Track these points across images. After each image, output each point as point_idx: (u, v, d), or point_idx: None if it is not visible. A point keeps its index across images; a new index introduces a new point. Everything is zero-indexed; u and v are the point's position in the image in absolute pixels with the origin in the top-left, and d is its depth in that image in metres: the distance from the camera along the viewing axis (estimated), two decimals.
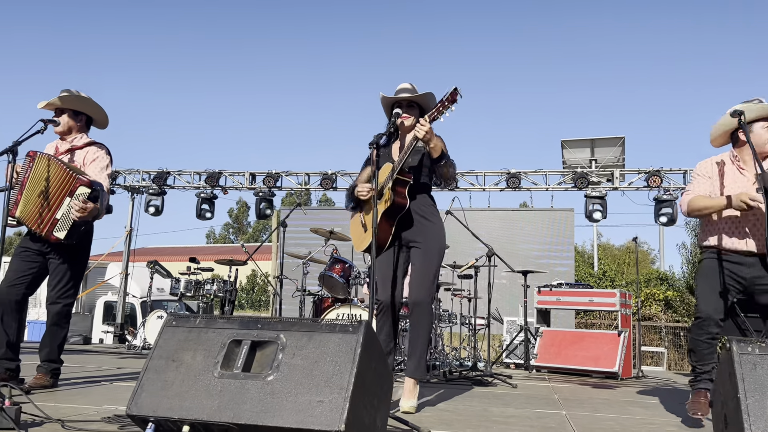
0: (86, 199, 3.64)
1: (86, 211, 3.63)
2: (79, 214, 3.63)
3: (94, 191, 3.68)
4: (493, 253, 5.92)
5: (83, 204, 3.62)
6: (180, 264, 10.42)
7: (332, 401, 2.01)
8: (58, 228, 3.65)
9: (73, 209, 3.63)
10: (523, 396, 4.49)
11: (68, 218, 3.65)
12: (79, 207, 3.62)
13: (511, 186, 10.14)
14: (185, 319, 2.35)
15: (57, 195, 3.65)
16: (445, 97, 3.26)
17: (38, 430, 2.48)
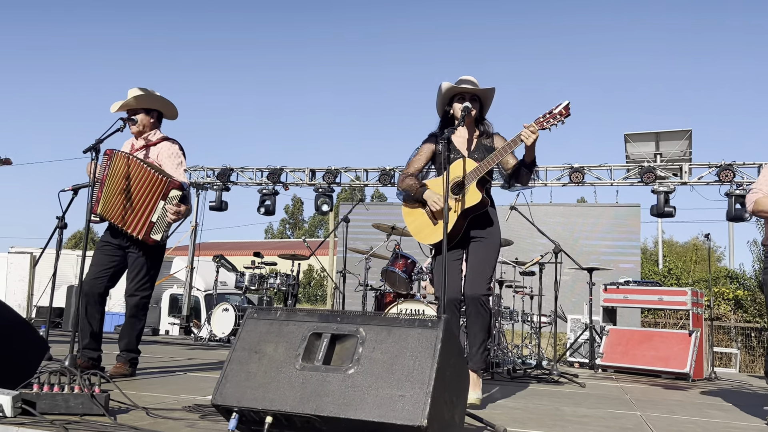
0: (179, 202, 3.84)
1: (180, 214, 3.87)
2: (174, 217, 3.85)
3: (184, 192, 3.87)
4: (560, 250, 5.81)
5: (177, 207, 3.85)
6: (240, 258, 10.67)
7: (413, 396, 2.01)
8: (154, 231, 3.85)
9: (169, 213, 3.84)
10: (593, 396, 4.40)
11: (164, 221, 3.86)
12: (174, 211, 3.85)
13: (574, 181, 9.93)
14: (266, 312, 2.39)
15: (149, 198, 3.83)
16: (557, 110, 3.28)
17: (125, 417, 2.57)
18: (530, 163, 3.44)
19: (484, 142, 3.60)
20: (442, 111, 3.67)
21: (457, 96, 3.58)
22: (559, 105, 3.32)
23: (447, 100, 3.62)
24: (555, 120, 3.30)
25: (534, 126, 3.31)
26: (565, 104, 3.31)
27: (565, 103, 3.31)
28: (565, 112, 3.30)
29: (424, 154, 3.67)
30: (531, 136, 3.29)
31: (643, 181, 9.76)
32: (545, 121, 3.31)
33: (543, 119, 3.32)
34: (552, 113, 3.31)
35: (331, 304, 18.68)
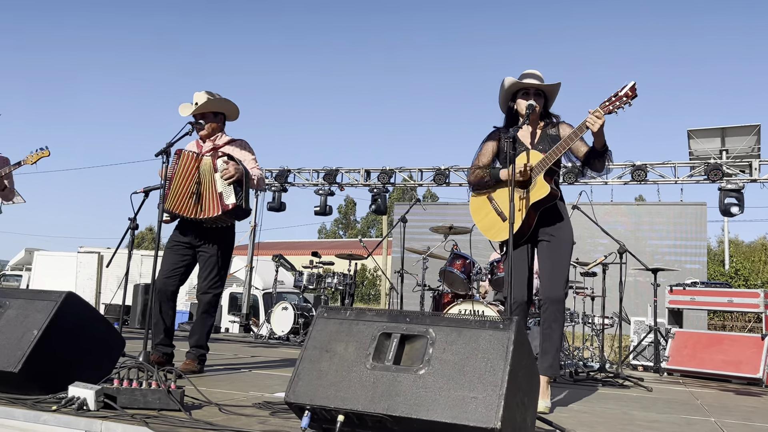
0: (227, 161, 3.90)
1: (230, 170, 3.89)
2: (227, 175, 3.89)
3: (230, 156, 3.94)
4: (625, 250, 5.66)
5: (225, 165, 3.89)
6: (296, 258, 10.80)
7: (486, 398, 1.99)
8: (225, 197, 3.92)
9: (224, 176, 3.90)
10: (661, 400, 4.27)
11: (226, 185, 3.92)
12: (223, 169, 3.89)
13: (636, 179, 9.66)
14: (336, 311, 2.42)
15: (209, 179, 3.93)
16: (623, 92, 3.18)
17: (199, 412, 2.64)
18: (601, 150, 3.34)
19: (549, 132, 3.53)
20: (505, 107, 3.62)
21: (521, 91, 3.52)
22: (625, 86, 3.21)
23: (510, 95, 3.57)
24: (621, 102, 3.19)
25: (599, 111, 3.22)
26: (631, 85, 3.19)
27: (630, 84, 3.19)
28: (632, 93, 3.18)
29: (489, 149, 3.61)
30: (597, 122, 3.21)
31: (709, 178, 9.41)
32: (611, 105, 3.21)
33: (609, 103, 3.22)
34: (618, 96, 3.20)
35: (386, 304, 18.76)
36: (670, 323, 7.31)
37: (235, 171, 3.91)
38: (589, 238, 9.25)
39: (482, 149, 3.62)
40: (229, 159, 3.94)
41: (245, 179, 3.98)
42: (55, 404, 2.41)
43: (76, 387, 2.45)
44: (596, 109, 3.23)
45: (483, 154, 3.61)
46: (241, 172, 3.96)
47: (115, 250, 4.54)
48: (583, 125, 3.28)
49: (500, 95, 3.62)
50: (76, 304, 2.78)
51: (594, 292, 7.77)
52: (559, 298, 3.39)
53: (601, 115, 3.22)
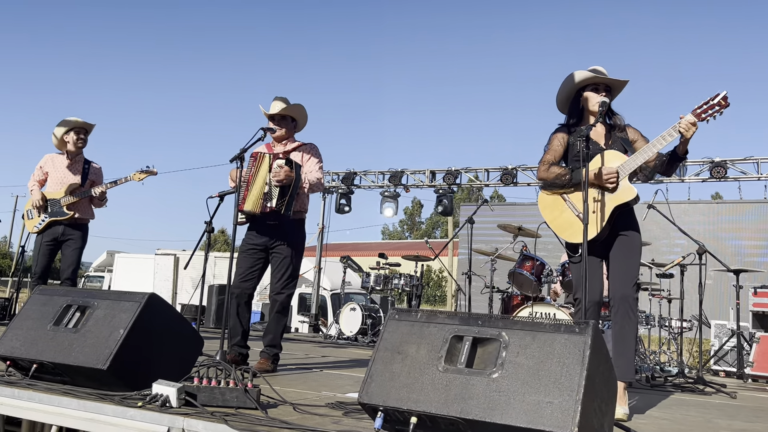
0: (282, 164, 3.95)
1: (281, 173, 3.93)
2: (277, 179, 3.94)
3: (288, 161, 3.99)
4: (704, 251, 5.43)
5: (278, 168, 3.94)
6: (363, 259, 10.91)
7: (562, 403, 1.96)
8: (268, 199, 4.00)
9: (273, 178, 3.96)
10: (747, 408, 4.07)
11: (273, 187, 3.98)
12: (275, 172, 3.94)
13: (715, 176, 9.22)
14: (407, 313, 2.43)
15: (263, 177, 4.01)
16: (716, 100, 3.13)
17: (275, 411, 2.70)
18: (683, 156, 3.27)
19: (618, 134, 3.45)
20: (567, 102, 3.54)
21: (590, 86, 3.44)
22: (717, 95, 3.14)
23: (575, 91, 3.49)
24: (713, 111, 3.13)
25: (692, 117, 3.14)
26: (723, 94, 3.13)
27: (723, 93, 3.14)
28: (724, 102, 3.12)
29: (560, 144, 3.50)
30: (691, 128, 3.14)
31: None
32: (703, 112, 3.14)
33: (701, 110, 3.15)
34: (710, 104, 3.13)
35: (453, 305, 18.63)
36: (754, 327, 6.96)
37: (285, 176, 3.94)
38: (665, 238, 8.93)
39: (552, 144, 3.52)
40: (287, 163, 4.00)
41: (293, 186, 4.02)
42: (140, 401, 2.52)
43: (159, 384, 2.55)
44: (689, 115, 3.15)
45: (554, 149, 3.51)
46: (291, 179, 3.99)
47: (193, 252, 4.70)
48: (675, 130, 3.19)
49: (563, 89, 3.54)
50: (158, 304, 2.91)
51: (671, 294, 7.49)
52: (630, 296, 3.29)
53: (695, 122, 3.15)
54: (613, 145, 3.41)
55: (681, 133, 3.16)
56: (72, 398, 2.57)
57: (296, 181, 4.05)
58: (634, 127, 3.48)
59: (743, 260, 9.62)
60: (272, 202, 3.98)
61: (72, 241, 5.17)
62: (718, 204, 10.68)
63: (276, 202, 3.98)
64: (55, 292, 3.08)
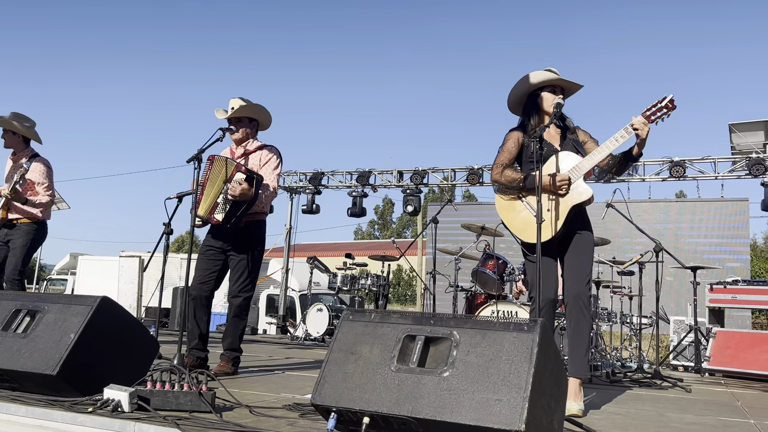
0: (242, 180, 3.88)
1: (237, 190, 3.85)
2: (231, 194, 3.87)
3: (250, 177, 3.93)
4: (661, 248, 5.55)
5: (237, 185, 3.86)
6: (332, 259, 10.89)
7: (510, 400, 1.99)
8: (218, 210, 3.94)
9: (229, 192, 3.89)
10: (700, 402, 4.17)
11: (226, 200, 3.92)
12: (232, 188, 3.86)
13: (674, 175, 9.45)
14: (361, 314, 2.44)
15: (219, 184, 3.95)
16: (664, 103, 3.20)
17: (230, 414, 2.69)
18: (637, 157, 3.35)
19: (570, 136, 3.51)
20: (521, 103, 3.58)
21: (546, 87, 3.48)
22: (665, 98, 3.22)
23: (532, 90, 3.52)
24: (661, 113, 3.21)
25: (643, 119, 3.22)
26: (670, 97, 3.22)
27: (669, 96, 3.23)
28: (671, 105, 3.20)
29: (514, 145, 3.53)
30: (645, 129, 3.21)
31: (751, 173, 9.15)
32: (652, 114, 3.22)
33: (650, 113, 3.22)
34: (658, 106, 3.21)
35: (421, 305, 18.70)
36: (711, 322, 7.14)
37: (240, 193, 3.87)
38: (626, 236, 9.10)
39: (506, 144, 3.55)
40: (248, 179, 3.93)
41: (248, 204, 3.98)
42: (91, 406, 2.48)
43: (111, 389, 2.52)
44: (639, 117, 3.23)
45: (508, 149, 3.53)
46: (248, 198, 3.94)
47: (151, 254, 4.65)
48: (627, 131, 3.26)
49: (518, 90, 3.56)
50: (111, 308, 2.86)
51: (632, 291, 7.64)
52: (584, 294, 3.35)
53: (647, 123, 3.22)
54: (566, 147, 3.47)
55: (636, 134, 3.22)
56: (20, 405, 2.52)
57: (252, 201, 4.00)
58: (584, 129, 3.55)
59: (701, 257, 9.86)
60: (219, 216, 3.92)
61: (11, 242, 4.92)
62: (677, 203, 10.94)
63: (223, 217, 3.92)
64: (4, 297, 3.01)
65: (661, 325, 8.32)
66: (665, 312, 8.22)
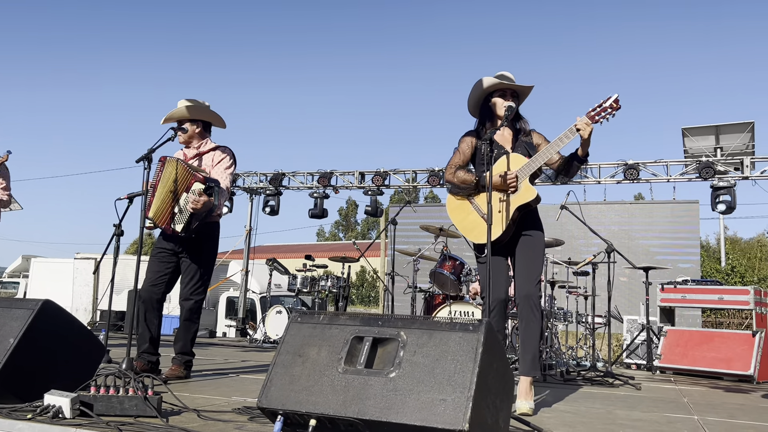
0: (201, 192, 3.84)
1: (199, 203, 3.82)
2: (192, 206, 3.83)
3: (208, 187, 3.89)
4: (612, 249, 5.67)
5: (197, 197, 3.82)
6: (294, 261, 10.83)
7: (455, 400, 2.00)
8: (176, 221, 3.89)
9: (189, 202, 3.84)
10: (648, 398, 4.27)
11: (185, 211, 3.87)
12: (193, 199, 3.82)
13: (629, 178, 9.66)
14: (309, 316, 2.43)
15: (177, 192, 3.90)
16: (608, 103, 3.26)
17: (177, 418, 2.65)
18: (584, 157, 3.39)
19: (523, 138, 3.57)
20: (478, 107, 3.64)
21: (497, 92, 3.54)
22: (609, 98, 3.28)
23: (484, 96, 3.59)
24: (606, 113, 3.27)
25: (587, 119, 3.28)
26: (615, 97, 3.28)
27: (614, 96, 3.28)
28: (616, 105, 3.26)
29: (468, 148, 3.59)
30: (587, 128, 3.26)
31: (701, 176, 9.42)
32: (596, 114, 3.28)
33: (594, 113, 3.28)
34: (602, 107, 3.27)
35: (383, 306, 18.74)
36: (662, 321, 7.32)
37: (201, 207, 3.85)
38: (583, 237, 9.27)
39: (460, 147, 3.61)
40: (207, 189, 3.88)
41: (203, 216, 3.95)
42: (31, 413, 2.41)
43: (51, 395, 2.45)
44: (583, 117, 3.28)
45: (462, 152, 3.60)
46: (207, 209, 3.92)
47: (101, 256, 4.54)
48: (571, 131, 3.31)
49: (473, 95, 3.62)
50: (54, 311, 2.79)
51: (587, 292, 7.78)
52: (533, 294, 3.40)
53: (590, 123, 3.28)
54: (518, 149, 3.52)
55: (580, 134, 3.27)
56: None
57: (211, 210, 3.98)
58: (539, 132, 3.61)
59: (654, 258, 10.11)
60: (179, 227, 3.89)
61: None
62: (631, 204, 11.17)
63: (182, 228, 3.89)
64: None
65: (615, 324, 8.51)
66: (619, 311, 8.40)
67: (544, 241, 3.55)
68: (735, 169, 9.83)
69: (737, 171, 9.76)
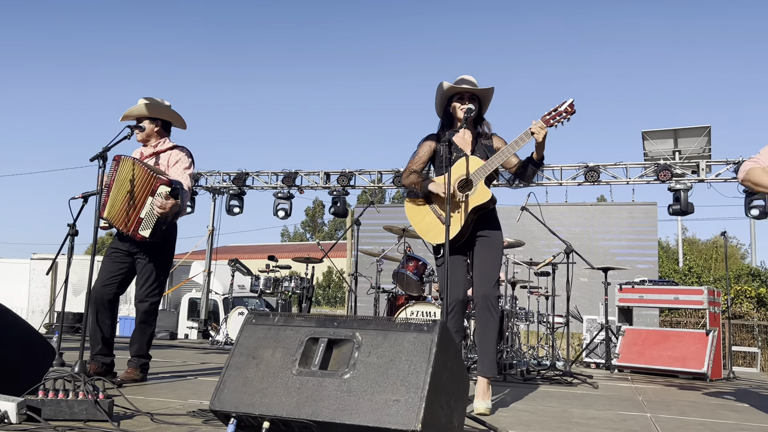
0: (167, 195, 3.79)
1: (167, 207, 3.78)
2: (161, 211, 3.78)
3: (174, 189, 3.84)
4: (571, 250, 5.76)
5: (164, 200, 3.77)
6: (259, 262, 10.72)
7: (408, 400, 2.00)
8: (143, 227, 3.82)
9: (156, 207, 3.79)
10: (604, 397, 4.35)
11: (152, 216, 3.82)
12: (160, 203, 3.77)
13: (589, 180, 9.84)
14: (264, 317, 2.41)
15: (141, 195, 3.83)
16: (563, 107, 3.30)
17: (129, 422, 2.60)
18: (539, 161, 3.43)
19: (484, 142, 3.60)
20: (442, 110, 3.67)
21: (456, 96, 3.57)
22: (564, 102, 3.33)
23: (446, 99, 3.62)
24: (561, 117, 3.32)
25: (542, 123, 3.31)
26: (570, 102, 3.32)
27: (569, 100, 3.33)
28: (570, 109, 3.31)
29: (426, 152, 3.63)
30: (541, 132, 3.30)
31: (659, 179, 9.64)
32: (551, 118, 3.32)
33: (549, 116, 3.33)
34: (558, 111, 3.32)
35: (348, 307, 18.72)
36: (620, 321, 7.47)
37: (168, 210, 3.80)
38: (544, 239, 9.38)
39: (418, 152, 3.64)
40: (173, 191, 3.83)
41: (171, 218, 3.91)
42: None
43: None
44: (538, 121, 3.33)
45: (419, 156, 3.63)
46: (175, 211, 3.88)
47: (55, 256, 4.43)
48: (527, 134, 3.35)
49: (437, 98, 3.66)
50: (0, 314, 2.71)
51: (548, 292, 7.89)
52: (491, 294, 3.43)
53: (544, 126, 3.31)
54: (477, 152, 3.55)
55: (533, 136, 3.31)
56: None
57: (178, 212, 3.95)
58: (500, 137, 3.64)
59: (613, 259, 10.30)
60: (146, 232, 3.83)
61: None
62: (591, 206, 11.36)
63: (150, 233, 3.83)
64: None
65: (575, 324, 8.66)
66: (579, 311, 8.55)
67: (502, 242, 3.59)
68: (692, 172, 10.09)
69: (694, 174, 10.02)
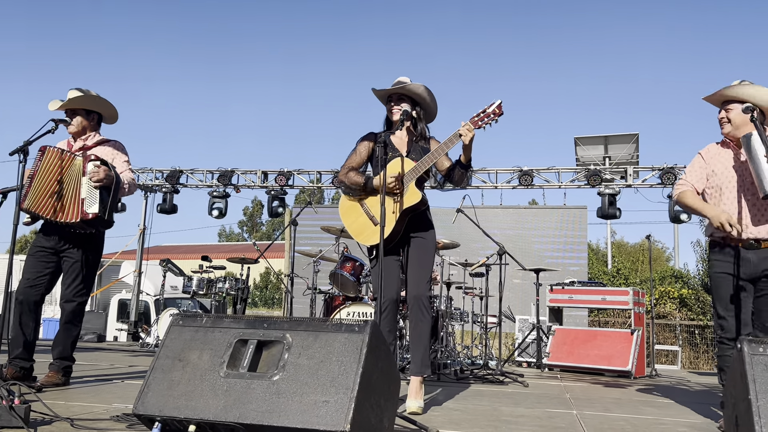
0: (98, 165, 3.68)
1: (100, 172, 3.68)
2: (95, 179, 3.67)
3: (103, 161, 3.73)
4: (503, 252, 5.88)
5: (96, 168, 3.67)
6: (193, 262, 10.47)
7: (338, 401, 2.00)
8: (87, 204, 3.69)
9: (92, 180, 3.68)
10: (534, 395, 4.46)
11: (92, 191, 3.69)
12: (92, 172, 3.67)
13: (523, 184, 10.08)
14: (192, 319, 2.36)
15: (74, 180, 3.70)
16: (491, 109, 3.34)
17: (47, 428, 2.49)
18: (466, 164, 3.46)
19: (420, 144, 3.64)
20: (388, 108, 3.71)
21: (393, 97, 3.61)
22: (492, 104, 3.37)
23: (385, 102, 3.67)
24: (489, 119, 3.36)
25: (470, 125, 3.35)
26: (498, 103, 3.37)
27: (497, 102, 3.37)
28: (498, 111, 3.35)
29: (364, 151, 3.64)
30: (469, 134, 3.33)
31: (589, 183, 9.97)
32: (479, 120, 3.36)
33: (477, 118, 3.37)
34: (486, 112, 3.36)
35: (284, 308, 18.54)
36: (551, 321, 7.68)
37: (105, 176, 3.71)
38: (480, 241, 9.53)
39: (357, 150, 3.66)
40: (102, 164, 3.73)
41: (114, 188, 3.78)
42: None
43: None
44: (467, 123, 3.36)
45: (357, 153, 3.64)
46: (112, 179, 3.76)
47: None
48: (455, 136, 3.38)
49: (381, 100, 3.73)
50: None
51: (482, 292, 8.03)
52: (423, 295, 3.47)
53: (472, 129, 3.35)
54: (413, 153, 3.58)
55: (461, 138, 3.35)
56: None
57: (117, 183, 3.81)
58: (437, 140, 3.68)
59: (545, 261, 10.60)
60: (94, 207, 3.68)
61: None
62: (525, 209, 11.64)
63: (98, 208, 3.68)
64: None
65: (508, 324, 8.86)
66: (512, 311, 8.75)
67: (435, 243, 3.63)
68: (621, 178, 10.49)
69: (623, 179, 10.42)
